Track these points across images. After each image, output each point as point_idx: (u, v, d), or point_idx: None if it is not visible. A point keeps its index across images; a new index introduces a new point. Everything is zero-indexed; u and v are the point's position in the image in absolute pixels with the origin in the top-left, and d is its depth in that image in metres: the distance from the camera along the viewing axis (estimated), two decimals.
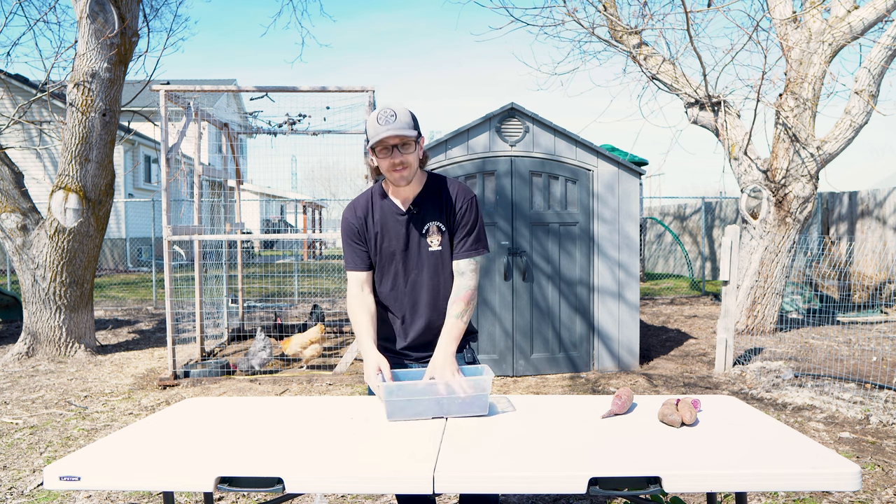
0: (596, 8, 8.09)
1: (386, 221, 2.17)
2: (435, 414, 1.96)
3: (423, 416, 1.96)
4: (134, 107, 9.15)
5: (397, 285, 2.21)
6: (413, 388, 1.97)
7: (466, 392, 1.96)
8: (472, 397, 1.96)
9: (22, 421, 4.53)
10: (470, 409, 1.98)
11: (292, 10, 39.55)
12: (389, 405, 1.95)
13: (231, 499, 3.24)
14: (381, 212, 2.18)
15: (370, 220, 2.18)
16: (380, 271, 2.23)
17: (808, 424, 4.24)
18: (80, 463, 1.65)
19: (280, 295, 11.87)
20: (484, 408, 1.98)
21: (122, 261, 17.56)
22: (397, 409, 1.95)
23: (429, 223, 2.15)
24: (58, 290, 6.48)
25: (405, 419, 1.95)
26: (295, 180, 36.03)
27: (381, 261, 2.20)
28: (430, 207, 2.16)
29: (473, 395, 1.96)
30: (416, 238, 2.16)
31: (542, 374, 5.72)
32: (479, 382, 1.98)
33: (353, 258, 2.21)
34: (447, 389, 1.97)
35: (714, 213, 14.08)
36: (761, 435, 1.79)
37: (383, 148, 2.04)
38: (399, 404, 1.95)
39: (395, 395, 1.94)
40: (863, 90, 6.93)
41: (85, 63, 6.28)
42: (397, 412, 1.95)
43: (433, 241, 2.16)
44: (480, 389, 1.97)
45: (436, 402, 1.96)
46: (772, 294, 7.53)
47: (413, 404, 1.95)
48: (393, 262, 2.19)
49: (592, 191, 5.80)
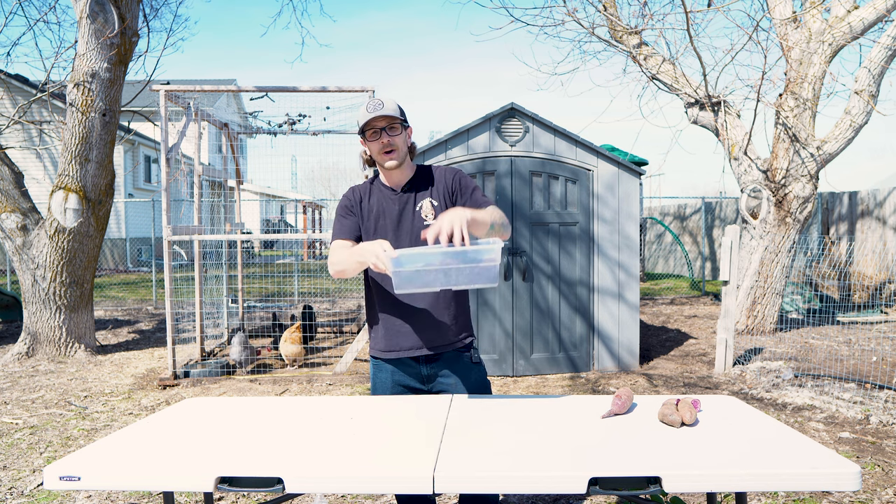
0: (596, 8, 8.09)
1: (381, 202, 2.27)
2: (443, 285, 1.88)
3: (432, 287, 1.89)
4: (134, 107, 9.16)
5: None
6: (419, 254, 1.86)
7: (469, 247, 1.84)
8: (482, 267, 1.85)
9: (22, 421, 4.53)
10: (479, 280, 1.86)
11: (292, 10, 39.52)
12: (396, 276, 1.85)
13: (231, 499, 3.24)
14: (377, 194, 2.30)
15: (366, 201, 2.29)
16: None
17: (808, 424, 4.24)
18: (80, 463, 1.64)
19: (280, 295, 11.87)
20: (493, 278, 1.86)
21: (122, 261, 17.56)
22: (404, 281, 1.85)
23: (421, 200, 2.25)
24: (58, 290, 6.48)
25: (414, 290, 1.88)
26: (295, 180, 36.02)
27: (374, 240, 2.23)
28: (422, 187, 2.28)
29: (482, 266, 1.84)
30: (409, 215, 2.25)
31: (543, 375, 5.72)
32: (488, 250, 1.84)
33: (340, 229, 2.25)
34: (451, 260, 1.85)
35: (714, 213, 14.08)
36: (761, 435, 1.79)
37: (373, 132, 2.17)
38: (406, 275, 1.85)
39: (402, 266, 1.85)
40: (863, 90, 6.93)
41: (85, 63, 6.28)
42: (405, 284, 1.86)
43: (427, 216, 2.23)
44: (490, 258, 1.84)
45: (443, 273, 1.86)
46: (772, 294, 7.53)
47: (420, 275, 1.86)
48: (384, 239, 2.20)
49: (592, 191, 5.80)
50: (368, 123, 2.16)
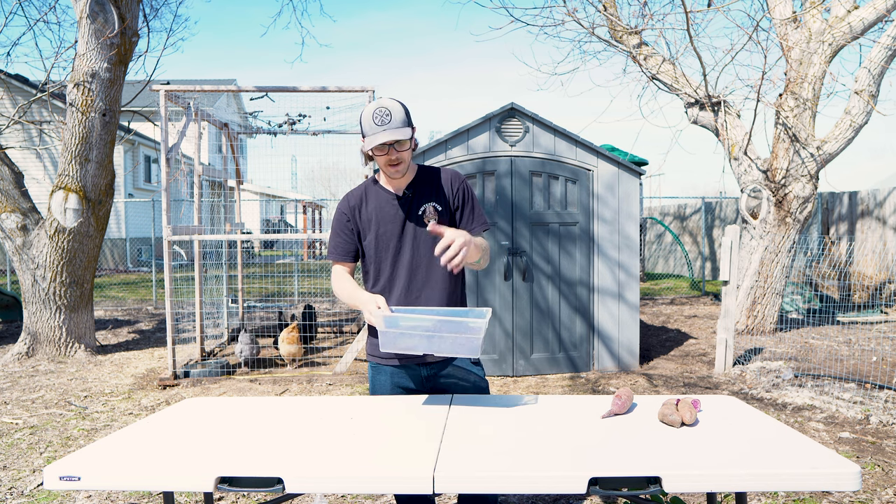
0: (596, 8, 8.09)
1: (381, 207, 2.24)
2: (426, 350, 1.97)
3: (414, 351, 1.98)
4: (134, 107, 9.15)
5: (389, 269, 2.24)
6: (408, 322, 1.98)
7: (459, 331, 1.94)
8: (465, 338, 1.93)
9: (22, 421, 4.53)
10: (460, 350, 1.95)
11: (292, 10, 39.54)
12: (383, 335, 1.96)
13: (231, 499, 3.24)
14: (375, 199, 2.25)
15: (363, 209, 2.26)
16: (376, 260, 2.25)
17: (808, 424, 4.24)
18: (80, 463, 1.65)
19: (280, 295, 11.87)
20: (475, 350, 1.95)
21: (122, 261, 17.56)
22: (389, 341, 1.96)
23: (425, 204, 2.23)
24: (58, 290, 6.48)
25: (397, 350, 1.98)
26: (295, 180, 36.01)
27: (377, 247, 2.24)
28: (424, 191, 2.24)
29: (465, 337, 1.93)
30: (411, 220, 2.23)
31: (543, 375, 5.72)
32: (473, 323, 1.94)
33: (336, 247, 2.28)
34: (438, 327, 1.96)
35: (714, 213, 14.08)
36: (761, 435, 1.79)
37: (380, 146, 2.12)
38: (392, 336, 1.96)
39: (390, 327, 1.96)
40: (863, 90, 6.93)
41: (85, 63, 6.28)
42: (389, 344, 1.97)
43: (430, 220, 2.21)
44: (473, 332, 1.93)
45: (427, 339, 1.95)
46: (772, 294, 7.53)
47: (405, 338, 1.96)
48: (389, 247, 2.23)
49: (592, 191, 5.80)
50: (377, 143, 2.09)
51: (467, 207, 2.26)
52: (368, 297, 2.08)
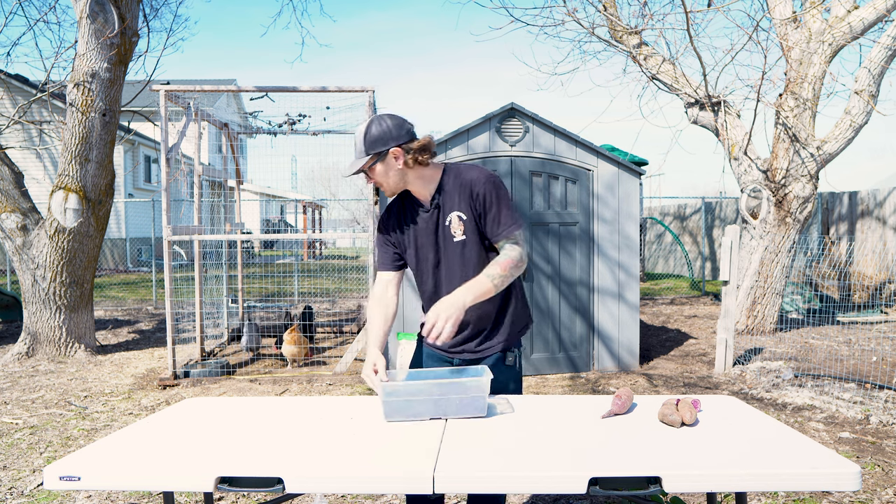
0: (596, 8, 8.09)
1: (414, 219, 2.20)
2: (432, 415, 1.97)
3: (421, 417, 1.96)
4: (134, 107, 9.15)
5: (431, 281, 2.22)
6: (410, 388, 1.97)
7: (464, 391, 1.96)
8: (470, 398, 1.96)
9: (22, 421, 4.53)
10: (467, 411, 1.97)
11: (292, 10, 39.49)
12: (386, 405, 1.96)
13: (231, 499, 3.24)
14: (410, 212, 2.21)
15: (399, 220, 2.23)
16: (418, 272, 2.25)
17: (808, 424, 4.24)
18: (80, 463, 1.64)
19: (280, 295, 11.87)
20: (482, 409, 1.97)
21: (122, 261, 17.56)
22: (393, 410, 1.96)
23: (449, 214, 2.14)
24: (58, 290, 6.48)
25: (402, 419, 1.96)
26: (295, 180, 35.98)
27: (417, 260, 2.22)
28: (449, 199, 2.13)
29: (471, 396, 1.95)
30: (442, 231, 2.16)
31: (543, 375, 5.72)
32: (476, 383, 1.97)
33: (380, 257, 2.28)
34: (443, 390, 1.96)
35: (714, 213, 14.08)
36: (761, 435, 1.79)
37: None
38: (396, 405, 1.96)
39: (392, 396, 1.95)
40: (863, 90, 6.93)
41: (85, 63, 6.28)
42: (393, 413, 1.96)
43: (456, 231, 2.14)
44: (478, 391, 1.96)
45: (433, 403, 1.96)
46: (772, 294, 7.53)
47: (410, 405, 1.96)
48: (427, 258, 2.20)
49: (592, 191, 5.80)
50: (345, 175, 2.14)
51: (490, 214, 2.09)
52: (371, 357, 2.09)
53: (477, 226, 2.13)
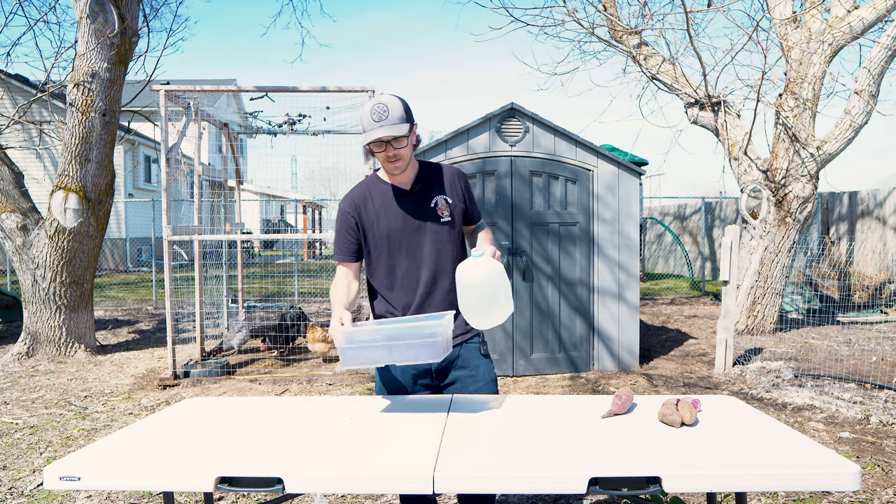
0: (596, 8, 8.09)
1: (389, 203, 2.23)
2: (388, 361, 1.96)
3: (377, 363, 1.98)
4: (134, 107, 9.15)
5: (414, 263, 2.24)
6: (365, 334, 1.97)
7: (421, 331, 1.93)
8: (424, 342, 1.91)
9: (22, 421, 4.53)
10: (422, 355, 1.93)
11: (292, 10, 39.57)
12: (343, 353, 1.95)
13: (231, 499, 3.24)
14: (381, 196, 2.25)
15: (369, 206, 2.25)
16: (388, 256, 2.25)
17: (808, 424, 4.24)
18: (80, 463, 1.65)
19: (280, 295, 11.87)
20: (437, 353, 1.92)
21: (122, 261, 17.56)
22: (350, 358, 1.96)
23: (436, 197, 2.25)
24: (58, 290, 6.48)
25: (359, 365, 1.98)
26: (295, 180, 36.01)
27: (389, 243, 2.23)
28: (433, 184, 2.27)
29: (425, 341, 1.91)
30: (424, 213, 2.23)
31: (543, 375, 5.72)
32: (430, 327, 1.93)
33: (341, 248, 2.30)
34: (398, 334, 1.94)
35: (714, 213, 14.08)
36: (761, 435, 1.79)
37: (377, 142, 2.12)
38: (352, 351, 1.95)
39: (348, 343, 1.95)
40: (863, 90, 6.93)
41: (85, 63, 6.28)
42: (350, 360, 1.96)
43: (444, 213, 2.25)
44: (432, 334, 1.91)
45: (388, 349, 1.94)
46: (772, 294, 7.53)
47: (366, 351, 1.95)
48: (403, 241, 2.23)
49: (592, 191, 5.80)
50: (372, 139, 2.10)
51: (470, 203, 2.34)
52: (336, 313, 2.10)
53: (461, 212, 2.32)
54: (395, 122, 2.08)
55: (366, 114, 2.11)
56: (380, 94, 2.24)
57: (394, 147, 2.11)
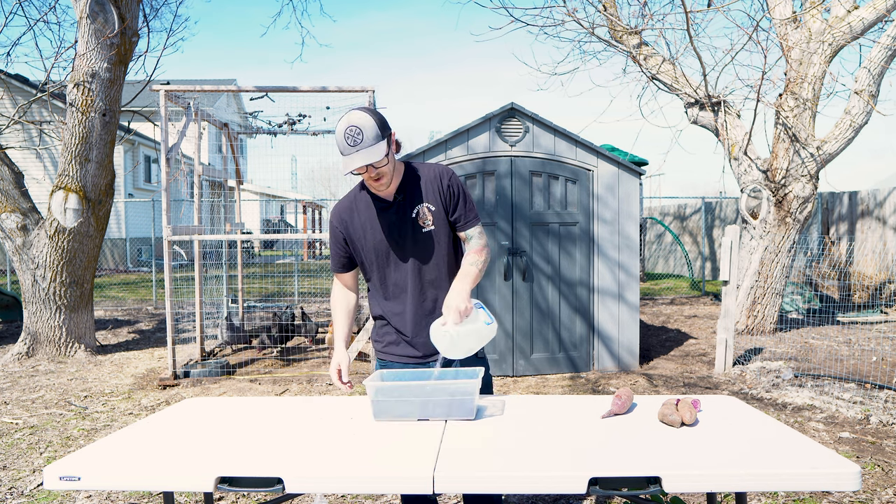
0: (596, 8, 8.09)
1: (373, 217, 2.21)
2: (420, 416, 1.96)
3: (409, 418, 1.96)
4: (134, 107, 9.15)
5: (400, 276, 2.23)
6: (399, 389, 1.96)
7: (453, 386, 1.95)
8: (459, 400, 1.93)
9: (22, 421, 4.53)
10: (455, 413, 1.95)
11: (292, 10, 39.55)
12: (375, 405, 1.96)
13: (231, 499, 3.24)
14: (367, 209, 2.23)
15: (355, 219, 2.24)
16: (378, 269, 2.25)
17: (808, 424, 4.24)
18: (80, 463, 1.65)
19: (280, 295, 11.87)
20: (470, 412, 1.95)
21: (122, 261, 17.56)
22: (382, 410, 1.97)
23: (417, 206, 2.19)
24: (58, 290, 6.48)
25: (391, 419, 1.96)
26: (295, 180, 36.03)
27: (376, 256, 2.23)
28: (415, 192, 2.21)
29: (459, 399, 1.93)
30: (406, 224, 2.20)
31: (543, 375, 5.72)
32: (465, 386, 1.94)
33: (335, 260, 2.33)
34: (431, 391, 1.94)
35: (714, 213, 14.08)
36: (761, 435, 1.79)
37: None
38: (384, 405, 1.96)
39: (381, 396, 1.95)
40: (863, 90, 6.93)
41: (85, 63, 6.28)
42: (382, 413, 1.97)
43: (426, 221, 2.20)
44: (466, 393, 1.93)
45: (421, 404, 1.95)
46: (772, 294, 7.53)
47: (399, 405, 1.95)
48: (389, 255, 2.22)
49: (592, 191, 5.80)
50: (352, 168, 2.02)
51: (459, 203, 2.22)
52: (336, 357, 2.19)
53: (445, 216, 2.22)
54: (370, 144, 1.99)
55: (339, 138, 2.01)
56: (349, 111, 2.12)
57: (375, 167, 2.05)
